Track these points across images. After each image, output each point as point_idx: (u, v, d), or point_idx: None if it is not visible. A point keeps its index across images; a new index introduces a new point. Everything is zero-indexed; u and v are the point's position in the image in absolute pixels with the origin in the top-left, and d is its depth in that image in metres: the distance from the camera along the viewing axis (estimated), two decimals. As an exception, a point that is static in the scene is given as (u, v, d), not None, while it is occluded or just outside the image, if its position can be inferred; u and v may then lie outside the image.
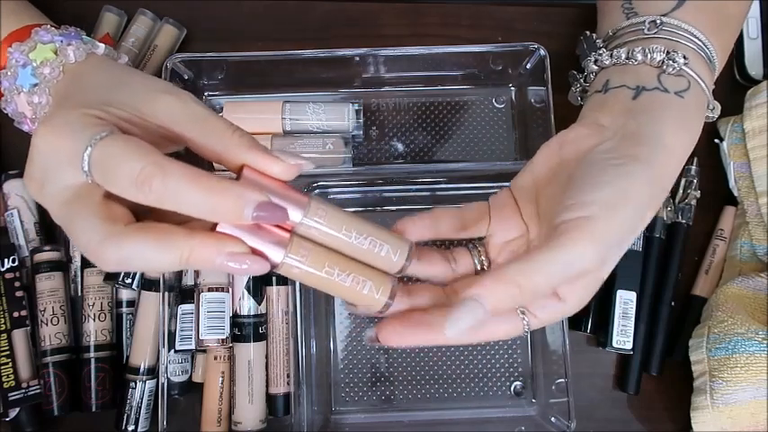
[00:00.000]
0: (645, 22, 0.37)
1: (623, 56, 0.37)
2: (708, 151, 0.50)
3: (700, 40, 0.36)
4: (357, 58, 0.46)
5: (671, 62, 0.35)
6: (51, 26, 0.37)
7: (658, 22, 0.37)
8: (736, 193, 0.48)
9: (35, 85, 0.34)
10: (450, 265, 0.37)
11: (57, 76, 0.34)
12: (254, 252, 0.29)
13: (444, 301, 0.35)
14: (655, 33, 0.37)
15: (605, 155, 0.33)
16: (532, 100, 0.48)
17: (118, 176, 0.27)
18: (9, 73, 0.35)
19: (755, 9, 0.50)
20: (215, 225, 0.29)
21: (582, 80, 0.41)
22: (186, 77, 0.47)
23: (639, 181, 0.31)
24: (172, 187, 0.26)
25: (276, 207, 0.28)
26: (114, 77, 0.33)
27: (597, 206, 0.30)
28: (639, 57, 0.36)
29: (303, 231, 0.30)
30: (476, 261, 0.37)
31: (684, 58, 0.35)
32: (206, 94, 0.50)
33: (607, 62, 0.38)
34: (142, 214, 0.30)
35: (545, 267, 0.29)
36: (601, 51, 0.38)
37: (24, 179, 0.30)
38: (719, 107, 0.38)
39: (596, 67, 0.39)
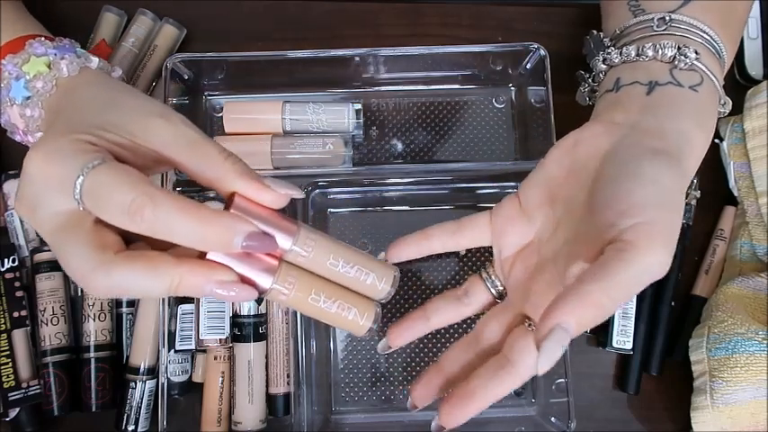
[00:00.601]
0: (653, 19, 0.37)
1: (633, 53, 0.36)
2: (708, 151, 0.49)
3: (709, 36, 0.36)
4: (357, 58, 0.46)
5: (683, 57, 0.35)
6: (45, 38, 0.36)
7: (667, 18, 0.36)
8: (736, 193, 0.48)
9: (28, 98, 0.34)
10: (462, 302, 0.38)
11: (49, 90, 0.34)
12: (243, 279, 0.29)
13: (472, 359, 0.35)
14: (664, 30, 0.36)
15: (633, 150, 0.32)
16: (532, 100, 0.48)
17: (109, 205, 0.27)
18: (2, 85, 0.35)
19: (755, 9, 0.50)
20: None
21: (590, 80, 0.41)
22: (186, 77, 0.47)
23: (675, 176, 0.31)
24: (162, 218, 0.27)
25: (265, 237, 0.29)
26: (108, 95, 0.33)
27: (654, 208, 0.29)
28: (650, 53, 0.36)
29: (291, 259, 0.30)
30: (490, 288, 0.38)
31: (696, 52, 0.35)
32: (206, 94, 0.50)
33: (616, 60, 0.37)
34: (132, 238, 0.30)
35: (624, 281, 0.28)
36: (609, 50, 0.38)
37: (15, 203, 0.30)
38: (730, 102, 0.38)
39: (605, 66, 0.39)
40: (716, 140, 0.49)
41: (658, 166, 0.31)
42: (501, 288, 0.37)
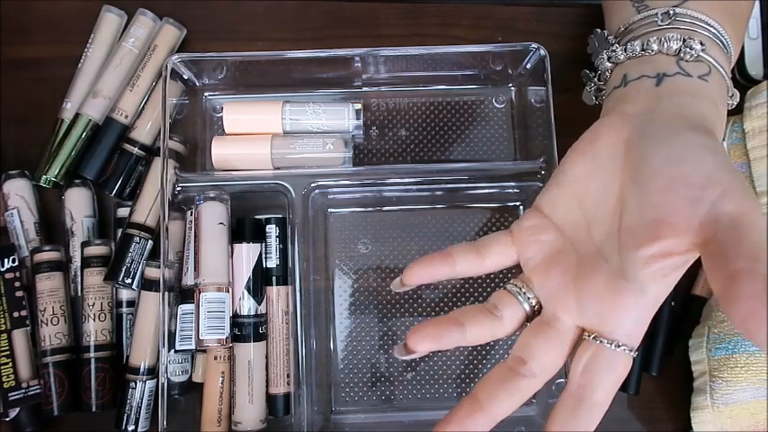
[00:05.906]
0: (657, 13, 0.37)
1: (638, 48, 0.36)
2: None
3: (714, 29, 0.36)
4: (357, 58, 0.46)
5: (688, 49, 0.35)
6: None
7: (671, 12, 0.36)
8: (736, 193, 0.48)
9: None
10: (496, 316, 0.34)
11: None
12: None
13: (521, 390, 0.33)
14: (668, 24, 0.36)
15: (669, 129, 0.31)
16: (532, 100, 0.48)
17: None
18: None
19: (756, 9, 0.50)
20: None
21: (596, 79, 0.41)
22: (186, 77, 0.47)
23: (721, 147, 0.31)
24: None
25: None
26: None
27: (727, 172, 0.28)
28: (655, 47, 0.35)
29: None
30: (522, 302, 0.34)
31: (701, 44, 0.35)
32: (206, 94, 0.50)
33: (621, 57, 0.37)
34: None
35: (761, 244, 0.26)
36: (614, 47, 0.38)
37: None
38: (738, 94, 0.38)
39: (610, 64, 0.38)
40: (716, 140, 0.49)
41: (706, 138, 0.30)
42: (534, 301, 0.34)
